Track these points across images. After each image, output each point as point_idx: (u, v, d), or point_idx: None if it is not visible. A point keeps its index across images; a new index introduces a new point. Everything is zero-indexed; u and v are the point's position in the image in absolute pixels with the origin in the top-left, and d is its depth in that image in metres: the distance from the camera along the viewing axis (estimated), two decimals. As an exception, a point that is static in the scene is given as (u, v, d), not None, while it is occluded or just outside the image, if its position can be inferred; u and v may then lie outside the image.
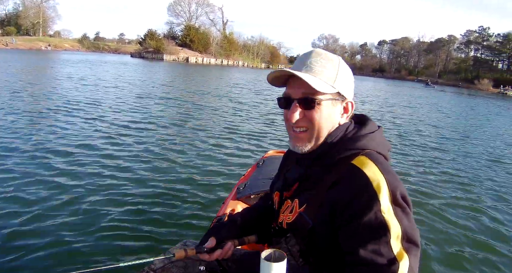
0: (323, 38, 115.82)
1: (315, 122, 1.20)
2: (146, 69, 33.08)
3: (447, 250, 3.77)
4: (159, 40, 66.43)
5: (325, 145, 1.23)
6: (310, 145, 1.24)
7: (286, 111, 1.24)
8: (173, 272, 1.47)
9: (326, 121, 1.22)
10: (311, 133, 1.23)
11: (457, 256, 3.70)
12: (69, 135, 6.68)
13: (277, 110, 12.20)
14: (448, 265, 3.49)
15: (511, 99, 49.04)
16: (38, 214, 3.56)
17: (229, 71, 46.54)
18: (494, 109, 26.02)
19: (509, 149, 10.31)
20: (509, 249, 3.94)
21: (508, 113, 24.24)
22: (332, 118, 1.23)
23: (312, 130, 1.22)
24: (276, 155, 3.69)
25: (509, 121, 19.05)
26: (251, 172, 3.32)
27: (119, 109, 10.13)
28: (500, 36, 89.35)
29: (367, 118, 1.32)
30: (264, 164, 3.36)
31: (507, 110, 27.13)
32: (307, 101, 1.19)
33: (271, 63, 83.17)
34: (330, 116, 1.22)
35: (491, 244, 4.03)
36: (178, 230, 3.51)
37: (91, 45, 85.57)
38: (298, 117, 1.21)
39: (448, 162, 7.78)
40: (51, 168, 4.86)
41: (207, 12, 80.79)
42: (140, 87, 16.57)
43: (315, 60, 1.21)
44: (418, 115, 16.68)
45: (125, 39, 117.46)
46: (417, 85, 61.48)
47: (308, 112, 1.20)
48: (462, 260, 3.63)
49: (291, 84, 1.23)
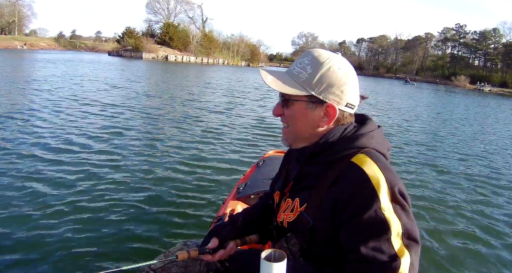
0: (303, 36, 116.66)
1: (290, 120, 1.24)
2: (127, 68, 32.49)
3: (445, 246, 3.79)
4: (137, 38, 65.30)
5: (318, 145, 1.23)
6: (293, 141, 1.28)
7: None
8: (173, 271, 1.47)
9: (301, 122, 1.23)
10: (290, 129, 1.26)
11: (455, 251, 3.73)
12: (67, 135, 6.62)
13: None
14: (446, 260, 3.51)
15: (488, 95, 50.45)
16: (37, 217, 3.50)
17: (212, 69, 46.22)
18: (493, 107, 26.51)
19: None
20: (505, 243, 3.99)
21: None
22: (309, 120, 1.22)
23: (290, 127, 1.26)
24: (276, 155, 3.69)
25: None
26: (251, 172, 3.31)
27: (114, 106, 10.12)
28: (476, 34, 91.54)
29: (367, 117, 1.31)
30: (264, 164, 3.35)
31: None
32: (282, 99, 1.24)
33: (252, 61, 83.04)
34: (305, 118, 1.22)
35: (488, 238, 4.09)
36: (178, 230, 3.51)
37: (67, 44, 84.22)
38: (278, 112, 1.27)
39: (443, 158, 7.91)
40: (47, 170, 4.76)
41: (186, 9, 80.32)
42: (140, 87, 16.36)
43: (301, 61, 1.22)
44: (405, 111, 16.93)
45: (102, 37, 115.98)
46: (396, 82, 62.35)
47: (285, 109, 1.24)
48: (460, 255, 3.66)
49: None
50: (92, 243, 3.11)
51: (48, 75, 17.93)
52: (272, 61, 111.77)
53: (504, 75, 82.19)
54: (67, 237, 3.17)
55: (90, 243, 3.11)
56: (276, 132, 9.02)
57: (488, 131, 13.69)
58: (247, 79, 31.60)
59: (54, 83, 14.84)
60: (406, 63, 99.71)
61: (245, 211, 1.67)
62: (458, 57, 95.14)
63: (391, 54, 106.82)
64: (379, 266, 1.04)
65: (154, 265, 1.46)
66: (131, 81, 19.11)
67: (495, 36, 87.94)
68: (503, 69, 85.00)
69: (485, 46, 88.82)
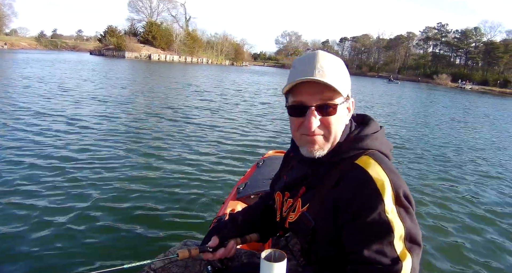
0: (286, 35, 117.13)
1: (332, 128, 1.18)
2: (109, 67, 31.82)
3: (445, 246, 3.77)
4: (119, 37, 64.38)
5: (334, 145, 1.22)
6: (327, 149, 1.21)
7: (298, 119, 1.19)
8: (173, 271, 1.45)
9: (340, 125, 1.21)
10: (328, 138, 1.19)
11: (456, 252, 3.71)
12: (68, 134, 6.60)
13: (277, 111, 12.36)
14: (447, 261, 3.48)
15: (470, 93, 51.51)
16: (37, 216, 3.50)
17: (201, 69, 46.09)
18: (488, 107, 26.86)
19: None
20: (506, 245, 3.97)
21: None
22: (343, 120, 1.22)
23: (329, 135, 1.19)
24: (275, 155, 3.68)
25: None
26: (251, 172, 3.31)
27: (113, 104, 10.19)
28: (458, 32, 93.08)
29: (369, 118, 1.32)
30: (264, 164, 3.34)
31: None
32: (325, 108, 1.15)
33: (236, 60, 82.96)
34: (342, 119, 1.21)
35: (488, 237, 4.10)
36: (178, 230, 3.49)
37: (48, 43, 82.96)
38: (317, 124, 1.16)
39: (438, 156, 8.00)
40: (47, 170, 4.75)
41: (169, 8, 79.76)
42: (139, 87, 15.92)
43: (325, 64, 1.15)
44: (396, 111, 17.04)
45: (83, 36, 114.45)
46: (379, 81, 62.98)
47: (326, 118, 1.16)
48: (461, 256, 3.63)
49: (304, 91, 1.15)
50: (92, 243, 3.12)
51: (25, 76, 17.33)
52: (256, 60, 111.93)
53: (485, 73, 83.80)
54: (67, 237, 3.17)
55: (91, 243, 3.12)
56: (276, 132, 9.04)
57: (470, 126, 13.88)
58: (240, 79, 31.88)
59: (26, 85, 14.16)
60: (388, 62, 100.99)
61: (245, 209, 1.66)
62: (440, 56, 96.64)
63: (373, 53, 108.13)
64: (381, 269, 1.03)
65: (154, 265, 1.45)
66: (130, 82, 18.81)
67: (476, 35, 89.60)
68: (484, 67, 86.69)
69: (467, 45, 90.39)
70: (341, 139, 1.22)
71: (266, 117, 11.23)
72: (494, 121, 17.25)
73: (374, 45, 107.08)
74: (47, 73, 19.60)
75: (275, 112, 12.27)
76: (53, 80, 16.35)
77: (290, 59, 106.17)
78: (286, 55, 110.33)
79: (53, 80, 16.38)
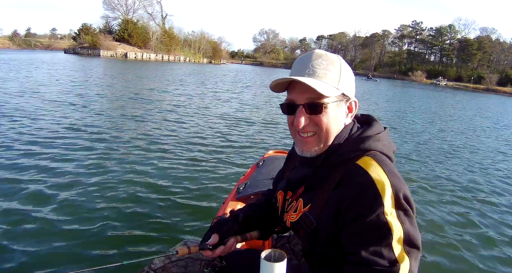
0: (264, 33, 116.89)
1: (323, 126, 1.18)
2: (83, 66, 30.98)
3: (445, 250, 3.75)
4: (94, 35, 62.72)
5: (332, 146, 1.21)
6: (319, 148, 1.21)
7: (290, 117, 1.22)
8: (173, 271, 1.45)
9: (333, 124, 1.19)
10: (319, 137, 1.20)
11: (456, 253, 3.70)
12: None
13: (276, 111, 12.33)
14: (446, 265, 3.46)
15: (445, 89, 53.49)
16: (38, 214, 3.53)
17: (187, 67, 45.83)
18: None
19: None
20: (505, 248, 3.95)
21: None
22: (338, 120, 1.21)
23: (320, 134, 1.19)
24: (276, 155, 3.66)
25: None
26: (251, 172, 3.29)
27: (112, 109, 10.01)
28: (432, 30, 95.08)
29: (373, 118, 1.30)
30: (264, 164, 3.33)
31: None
32: (313, 106, 1.16)
33: (213, 58, 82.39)
34: (336, 118, 1.20)
35: (488, 237, 4.15)
36: (178, 230, 3.52)
37: (22, 43, 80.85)
38: (305, 123, 1.18)
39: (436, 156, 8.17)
40: (47, 167, 4.81)
41: (145, 5, 78.03)
42: (138, 85, 15.45)
43: (317, 63, 1.18)
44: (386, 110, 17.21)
45: (57, 35, 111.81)
46: (357, 78, 62.33)
47: (315, 117, 1.17)
48: (460, 258, 3.62)
49: (294, 90, 1.20)
50: (92, 243, 3.14)
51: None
52: (234, 58, 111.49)
53: (459, 70, 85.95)
54: (68, 236, 3.18)
55: (91, 242, 3.14)
56: (276, 132, 9.08)
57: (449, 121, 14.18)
58: (232, 78, 31.93)
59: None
60: (364, 60, 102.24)
61: (246, 207, 1.63)
62: (415, 53, 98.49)
63: (350, 51, 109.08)
64: (378, 270, 1.03)
65: (154, 265, 1.45)
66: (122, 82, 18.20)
67: (450, 32, 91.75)
68: (458, 64, 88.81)
69: (441, 42, 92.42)
70: (342, 140, 1.21)
71: (266, 117, 11.27)
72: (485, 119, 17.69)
73: (350, 43, 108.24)
74: (13, 75, 18.28)
75: (275, 112, 12.31)
76: (19, 81, 15.11)
77: (267, 57, 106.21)
78: (264, 53, 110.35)
79: (19, 81, 15.10)
